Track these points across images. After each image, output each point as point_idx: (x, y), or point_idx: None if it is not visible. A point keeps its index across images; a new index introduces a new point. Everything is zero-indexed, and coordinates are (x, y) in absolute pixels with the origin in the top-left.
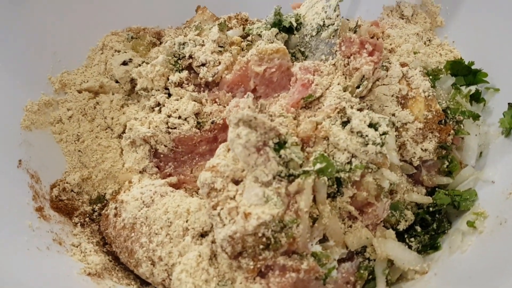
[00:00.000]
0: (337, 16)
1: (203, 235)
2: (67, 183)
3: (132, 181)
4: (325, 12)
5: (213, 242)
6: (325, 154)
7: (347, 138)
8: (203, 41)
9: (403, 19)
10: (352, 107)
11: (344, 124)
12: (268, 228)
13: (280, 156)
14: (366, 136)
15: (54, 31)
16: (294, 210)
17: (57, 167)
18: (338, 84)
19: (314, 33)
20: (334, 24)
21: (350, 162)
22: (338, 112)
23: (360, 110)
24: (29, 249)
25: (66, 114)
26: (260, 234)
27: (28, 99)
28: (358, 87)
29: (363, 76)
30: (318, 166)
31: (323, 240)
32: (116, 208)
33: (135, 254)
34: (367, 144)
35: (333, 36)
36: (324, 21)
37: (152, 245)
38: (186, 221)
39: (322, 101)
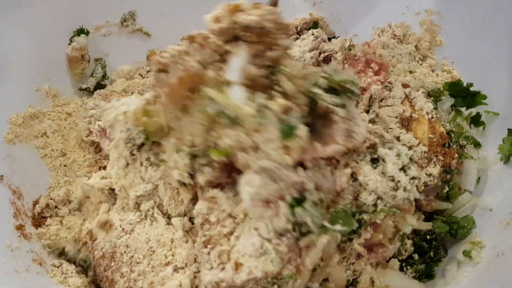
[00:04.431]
0: None
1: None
2: (51, 199)
3: None
4: None
5: (195, 272)
6: (348, 210)
7: (377, 179)
8: None
9: (394, 39)
10: (384, 144)
11: (373, 161)
12: (258, 284)
13: (293, 214)
14: (398, 181)
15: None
16: (295, 264)
17: (41, 182)
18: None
19: None
20: None
21: (375, 204)
22: (368, 148)
23: (390, 148)
24: (6, 271)
25: (52, 127)
26: None
27: (13, 111)
28: (367, 111)
29: (371, 97)
30: (338, 227)
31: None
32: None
33: (116, 284)
34: (397, 189)
35: None
36: None
37: (134, 274)
38: (170, 250)
39: None
